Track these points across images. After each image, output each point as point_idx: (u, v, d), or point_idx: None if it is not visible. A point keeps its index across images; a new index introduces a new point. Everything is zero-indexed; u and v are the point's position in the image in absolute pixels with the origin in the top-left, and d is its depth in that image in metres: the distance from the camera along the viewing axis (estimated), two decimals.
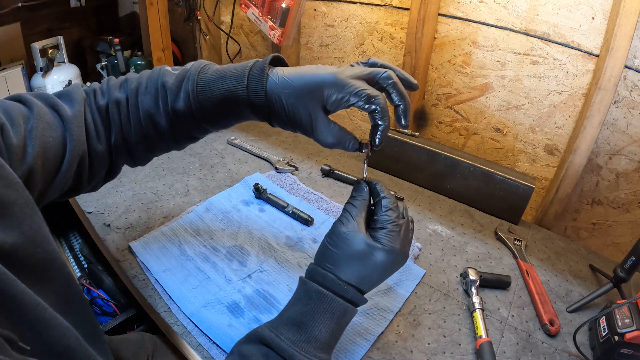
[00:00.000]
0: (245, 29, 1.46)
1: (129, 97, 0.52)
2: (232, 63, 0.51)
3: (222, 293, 0.65)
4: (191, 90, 0.50)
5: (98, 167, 0.53)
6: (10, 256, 0.34)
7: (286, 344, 0.43)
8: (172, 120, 0.52)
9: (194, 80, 0.50)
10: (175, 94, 0.51)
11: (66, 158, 0.47)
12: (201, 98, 0.50)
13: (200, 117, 0.51)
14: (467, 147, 1.11)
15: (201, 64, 0.52)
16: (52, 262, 0.39)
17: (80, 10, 1.39)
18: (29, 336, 0.32)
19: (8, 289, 0.31)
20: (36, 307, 0.33)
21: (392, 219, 0.47)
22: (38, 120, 0.45)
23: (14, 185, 0.37)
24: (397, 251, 0.47)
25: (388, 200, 0.49)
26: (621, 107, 0.85)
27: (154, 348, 0.66)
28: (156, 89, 0.51)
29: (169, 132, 0.53)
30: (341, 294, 0.46)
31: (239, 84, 0.48)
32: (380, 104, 0.45)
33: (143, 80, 0.53)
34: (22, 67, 1.13)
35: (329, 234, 0.49)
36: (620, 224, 0.96)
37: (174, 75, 0.52)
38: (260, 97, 0.48)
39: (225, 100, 0.49)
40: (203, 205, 0.84)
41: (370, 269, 0.47)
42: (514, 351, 0.61)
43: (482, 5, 0.95)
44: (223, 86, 0.49)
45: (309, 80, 0.46)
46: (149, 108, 0.51)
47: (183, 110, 0.51)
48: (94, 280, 0.94)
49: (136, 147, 0.54)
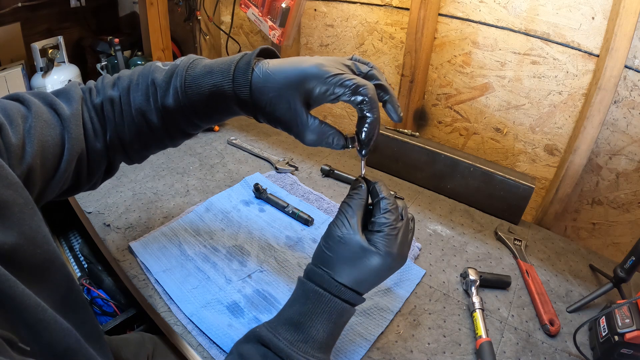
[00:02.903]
0: (245, 29, 1.46)
1: (122, 95, 0.52)
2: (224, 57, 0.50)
3: (222, 293, 0.65)
4: (179, 86, 0.49)
5: (96, 165, 0.53)
6: (10, 257, 0.34)
7: (284, 344, 0.43)
8: (163, 116, 0.51)
9: (182, 75, 0.49)
10: (164, 90, 0.50)
11: (65, 156, 0.47)
12: (189, 93, 0.49)
13: (189, 113, 0.51)
14: (467, 147, 1.11)
15: (190, 59, 0.52)
16: (52, 263, 0.38)
17: (80, 10, 1.39)
18: (29, 337, 0.32)
19: (8, 290, 0.31)
20: (36, 308, 0.33)
21: (390, 222, 0.46)
22: (36, 119, 0.44)
23: (14, 186, 0.37)
24: (393, 255, 0.46)
25: (387, 202, 0.47)
26: (621, 107, 0.85)
27: (154, 348, 0.66)
28: (147, 86, 0.51)
29: (162, 129, 0.52)
30: (337, 294, 0.46)
31: (225, 79, 0.47)
32: (368, 94, 0.43)
33: (134, 77, 0.52)
34: (22, 67, 1.13)
35: (324, 236, 0.48)
36: (620, 224, 0.96)
37: (163, 71, 0.51)
38: (245, 92, 0.47)
39: (213, 96, 0.48)
40: (203, 205, 0.84)
41: (366, 273, 0.46)
42: (514, 351, 0.61)
43: (482, 5, 0.95)
44: (210, 81, 0.48)
45: (290, 73, 0.45)
46: (140, 105, 0.51)
47: (173, 106, 0.50)
48: (94, 280, 0.94)
49: (131, 145, 0.54)
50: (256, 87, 0.46)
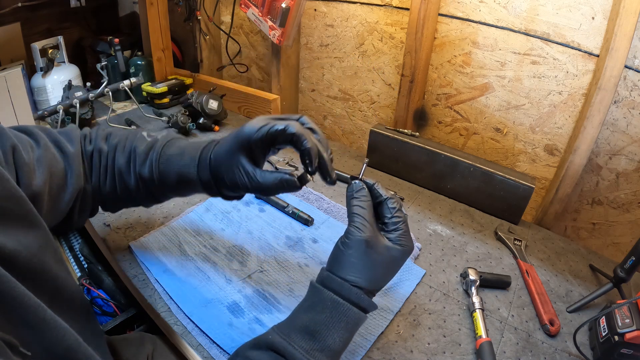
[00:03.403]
0: (245, 29, 1.46)
1: (109, 151, 0.57)
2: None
3: (222, 293, 0.65)
4: (154, 161, 0.55)
5: (87, 204, 0.57)
6: (11, 260, 0.34)
7: (300, 353, 0.43)
8: (138, 182, 0.56)
9: (158, 152, 0.55)
10: (142, 160, 0.56)
11: (68, 190, 0.51)
12: (161, 169, 0.55)
13: (161, 185, 0.56)
14: (467, 147, 1.11)
15: (169, 137, 0.58)
16: (47, 273, 0.39)
17: (80, 10, 1.40)
18: (30, 338, 0.32)
19: (9, 290, 0.32)
20: (37, 309, 0.33)
21: (402, 220, 0.49)
22: (45, 151, 0.48)
23: (15, 199, 0.39)
24: (410, 248, 0.49)
25: (392, 201, 0.49)
26: (621, 107, 0.85)
27: (154, 348, 0.66)
28: (129, 152, 0.57)
29: (135, 191, 0.57)
30: (357, 303, 0.46)
31: (191, 162, 0.53)
32: (292, 130, 0.47)
33: (122, 140, 0.58)
34: (22, 67, 1.13)
35: (345, 242, 0.47)
36: (620, 224, 0.96)
37: (145, 143, 0.57)
38: (206, 175, 0.52)
39: (180, 175, 0.54)
40: (203, 205, 0.84)
41: (390, 270, 0.49)
42: (514, 351, 0.61)
43: (482, 5, 0.95)
44: (179, 162, 0.54)
45: (230, 143, 0.50)
46: (121, 166, 0.56)
47: (147, 176, 0.55)
48: (94, 280, 0.94)
49: (107, 197, 0.58)
50: (214, 166, 0.52)
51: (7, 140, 0.43)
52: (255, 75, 1.54)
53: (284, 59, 1.30)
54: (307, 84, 1.40)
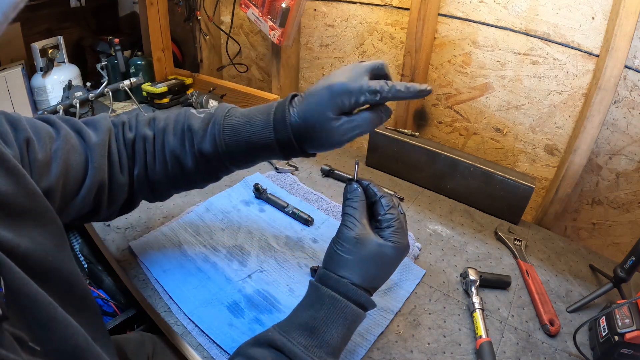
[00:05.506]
0: (245, 29, 1.46)
1: (156, 136, 0.55)
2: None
3: (222, 293, 0.65)
4: (217, 134, 0.52)
5: (117, 197, 0.55)
6: (25, 259, 0.35)
7: (299, 349, 0.43)
8: (198, 160, 0.54)
9: (220, 124, 0.53)
10: (201, 137, 0.53)
11: (86, 183, 0.49)
12: (228, 142, 0.52)
13: (226, 159, 0.54)
14: (467, 147, 1.11)
15: (225, 107, 0.55)
16: (62, 271, 0.39)
17: (80, 10, 1.40)
18: (41, 335, 0.33)
19: (23, 287, 0.32)
20: (48, 307, 0.34)
21: (396, 217, 0.49)
22: (64, 142, 0.47)
23: (32, 196, 0.39)
24: (404, 245, 0.49)
25: (387, 199, 0.50)
26: (621, 107, 0.85)
27: (154, 348, 0.66)
28: (182, 131, 0.54)
29: (194, 172, 0.55)
30: (354, 299, 0.46)
31: (265, 126, 0.51)
32: (384, 89, 0.47)
33: (170, 122, 0.56)
34: (22, 67, 1.13)
35: (337, 240, 0.49)
36: (620, 224, 0.96)
37: (199, 119, 0.54)
38: (285, 136, 0.50)
39: (251, 143, 0.52)
40: (203, 205, 0.84)
41: (383, 267, 0.49)
42: (514, 351, 0.61)
43: (482, 5, 0.95)
44: (249, 130, 0.52)
45: (316, 112, 0.48)
46: (174, 148, 0.54)
47: (210, 152, 0.53)
48: (94, 280, 0.94)
49: (159, 183, 0.57)
50: (298, 125, 0.50)
51: (21, 133, 0.42)
52: (255, 75, 1.54)
53: (284, 59, 1.30)
54: (307, 84, 1.40)
